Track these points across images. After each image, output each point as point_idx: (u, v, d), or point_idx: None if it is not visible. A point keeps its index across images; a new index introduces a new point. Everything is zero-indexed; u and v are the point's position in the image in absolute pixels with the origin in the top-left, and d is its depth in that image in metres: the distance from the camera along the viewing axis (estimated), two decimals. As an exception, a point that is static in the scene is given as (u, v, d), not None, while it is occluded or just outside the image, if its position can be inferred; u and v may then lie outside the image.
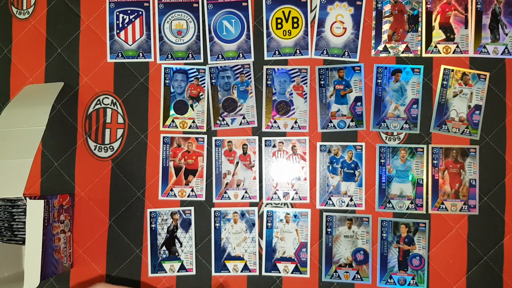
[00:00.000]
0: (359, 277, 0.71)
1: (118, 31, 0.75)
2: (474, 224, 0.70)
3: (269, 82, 0.73)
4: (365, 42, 0.73)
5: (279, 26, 0.74)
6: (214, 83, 0.74)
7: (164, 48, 0.75)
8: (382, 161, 0.71)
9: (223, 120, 0.74)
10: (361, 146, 0.72)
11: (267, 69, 0.74)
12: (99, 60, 0.76)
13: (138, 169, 0.74)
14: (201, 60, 0.74)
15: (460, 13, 0.72)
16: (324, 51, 0.73)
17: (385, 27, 0.72)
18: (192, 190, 0.73)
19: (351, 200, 0.72)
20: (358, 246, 0.71)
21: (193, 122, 0.74)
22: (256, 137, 0.73)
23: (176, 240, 0.73)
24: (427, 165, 0.71)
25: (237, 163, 0.73)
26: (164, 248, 0.73)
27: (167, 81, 0.74)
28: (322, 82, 0.73)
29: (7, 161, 0.63)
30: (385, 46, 0.72)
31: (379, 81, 0.72)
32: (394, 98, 0.72)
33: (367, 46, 0.73)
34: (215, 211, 0.73)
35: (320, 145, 0.72)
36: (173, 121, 0.74)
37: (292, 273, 0.72)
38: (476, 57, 0.71)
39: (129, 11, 0.75)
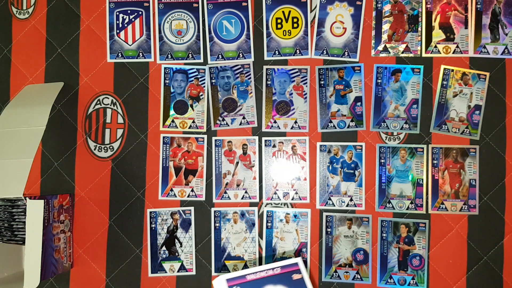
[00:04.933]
0: (359, 277, 0.71)
1: (118, 31, 0.75)
2: (474, 224, 0.70)
3: (269, 82, 0.73)
4: (365, 42, 0.73)
5: (279, 26, 0.74)
6: (214, 83, 0.74)
7: (164, 48, 0.75)
8: (382, 161, 0.71)
9: (223, 120, 0.74)
10: (361, 146, 0.72)
11: (267, 69, 0.74)
12: (99, 60, 0.76)
13: (138, 169, 0.74)
14: (201, 60, 0.74)
15: (460, 13, 0.72)
16: (324, 51, 0.73)
17: (385, 27, 0.72)
18: (192, 190, 0.73)
19: (351, 200, 0.72)
20: (358, 246, 0.71)
21: (193, 122, 0.74)
22: (256, 137, 0.73)
23: (176, 240, 0.73)
24: (427, 165, 0.71)
25: (237, 163, 0.73)
26: (164, 248, 0.73)
27: (167, 81, 0.74)
28: (322, 82, 0.73)
29: (7, 161, 0.63)
30: (385, 46, 0.72)
31: (379, 81, 0.72)
32: (394, 98, 0.72)
33: (367, 46, 0.73)
34: (215, 211, 0.73)
35: (320, 145, 0.72)
36: (173, 121, 0.74)
37: (292, 273, 0.72)
38: (476, 57, 0.71)
39: (129, 11, 0.75)
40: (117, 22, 0.75)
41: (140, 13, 0.75)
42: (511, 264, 0.70)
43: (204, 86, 0.74)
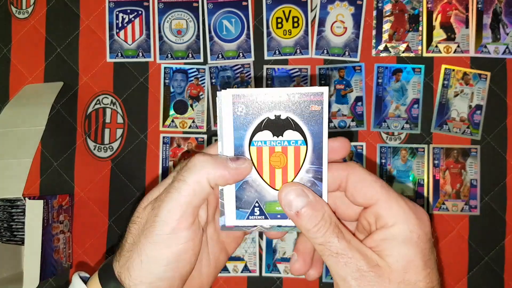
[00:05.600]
0: (359, 277, 0.71)
1: (117, 30, 0.75)
2: (475, 225, 0.70)
3: (269, 82, 0.73)
4: (366, 41, 0.73)
5: (279, 25, 0.73)
6: (214, 83, 0.74)
7: (164, 47, 0.74)
8: (383, 161, 0.71)
9: (223, 120, 0.73)
10: (362, 146, 0.72)
11: (267, 68, 0.73)
12: (98, 59, 0.75)
13: (138, 169, 0.74)
14: (201, 60, 0.74)
15: (461, 12, 0.72)
16: (325, 51, 0.73)
17: (386, 26, 0.72)
18: (192, 190, 0.73)
19: (352, 200, 0.71)
20: (359, 246, 0.71)
21: (193, 122, 0.74)
22: (256, 137, 0.73)
23: (176, 241, 0.73)
24: (428, 165, 0.71)
25: (237, 163, 0.73)
26: (164, 248, 0.73)
27: (167, 81, 0.74)
28: (322, 82, 0.72)
29: (7, 161, 0.63)
30: (385, 45, 0.72)
31: (379, 80, 0.72)
32: (395, 98, 0.72)
33: (368, 45, 0.73)
34: (215, 211, 0.73)
35: (321, 145, 0.72)
36: (173, 121, 0.74)
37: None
38: (477, 57, 0.71)
39: (128, 11, 0.75)
40: (117, 21, 0.75)
41: (140, 12, 0.75)
42: (512, 265, 0.69)
43: (204, 86, 0.74)
